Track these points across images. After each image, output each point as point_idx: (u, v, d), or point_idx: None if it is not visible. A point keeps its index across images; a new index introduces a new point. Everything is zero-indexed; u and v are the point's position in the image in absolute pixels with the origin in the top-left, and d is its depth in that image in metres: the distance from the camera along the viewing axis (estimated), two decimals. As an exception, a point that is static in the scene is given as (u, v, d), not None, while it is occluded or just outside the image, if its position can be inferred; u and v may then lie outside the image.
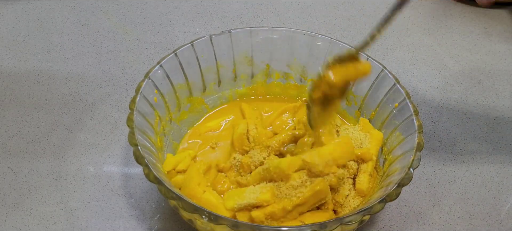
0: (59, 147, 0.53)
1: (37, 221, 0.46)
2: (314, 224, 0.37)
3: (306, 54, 0.55)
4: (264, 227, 0.36)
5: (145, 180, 0.50)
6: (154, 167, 0.40)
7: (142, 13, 0.74)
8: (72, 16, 0.73)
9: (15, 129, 0.55)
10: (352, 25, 0.74)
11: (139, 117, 0.44)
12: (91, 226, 0.46)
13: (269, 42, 0.55)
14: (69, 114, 0.57)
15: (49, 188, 0.49)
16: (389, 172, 0.45)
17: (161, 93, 0.49)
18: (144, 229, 0.46)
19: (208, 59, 0.54)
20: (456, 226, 0.48)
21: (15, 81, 0.61)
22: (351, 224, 0.38)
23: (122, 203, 0.48)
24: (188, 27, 0.72)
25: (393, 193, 0.39)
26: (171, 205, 0.43)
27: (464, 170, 0.53)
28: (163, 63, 0.49)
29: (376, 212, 0.39)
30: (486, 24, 0.76)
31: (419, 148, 0.43)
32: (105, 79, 0.62)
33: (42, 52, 0.66)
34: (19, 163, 0.51)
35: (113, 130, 0.55)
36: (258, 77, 0.57)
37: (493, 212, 0.50)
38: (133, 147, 0.41)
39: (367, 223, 0.48)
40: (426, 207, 0.49)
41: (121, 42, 0.68)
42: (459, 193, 0.51)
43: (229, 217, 0.37)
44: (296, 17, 0.75)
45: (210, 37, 0.53)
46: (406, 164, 0.42)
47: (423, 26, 0.76)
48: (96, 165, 0.52)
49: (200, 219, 0.38)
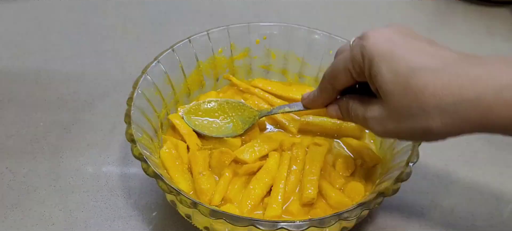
0: (57, 147, 0.53)
1: (36, 221, 0.46)
2: (313, 219, 0.37)
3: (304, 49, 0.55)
4: (262, 221, 0.36)
5: (144, 180, 0.50)
6: (152, 162, 0.40)
7: (142, 12, 0.74)
8: (71, 15, 0.72)
9: (14, 129, 0.54)
10: (352, 25, 0.74)
11: (136, 112, 0.44)
12: (90, 226, 0.46)
13: (267, 37, 0.55)
14: (68, 114, 0.57)
15: (47, 188, 0.49)
16: (389, 168, 0.45)
17: (158, 89, 0.49)
18: (143, 229, 0.46)
19: (206, 55, 0.53)
20: (458, 226, 0.48)
21: (13, 81, 0.61)
22: (349, 219, 0.38)
23: (121, 203, 0.48)
24: (188, 26, 0.71)
25: (390, 188, 0.39)
26: (169, 200, 0.43)
27: (466, 170, 0.53)
28: (161, 59, 0.49)
29: (374, 207, 0.38)
30: (489, 23, 0.75)
31: (418, 143, 0.43)
32: (104, 78, 0.62)
33: (40, 52, 0.65)
34: (17, 163, 0.51)
35: (112, 129, 0.55)
36: (256, 73, 0.57)
37: (495, 213, 0.49)
38: (130, 143, 0.41)
39: (368, 223, 0.47)
40: (427, 208, 0.49)
41: (120, 42, 0.68)
42: (461, 194, 0.51)
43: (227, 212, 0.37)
44: (297, 16, 0.75)
45: (208, 33, 0.53)
46: (404, 159, 0.42)
47: (425, 24, 0.75)
48: (95, 165, 0.51)
49: (198, 214, 0.38)
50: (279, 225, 0.36)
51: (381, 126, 0.35)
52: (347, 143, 0.50)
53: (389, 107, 0.34)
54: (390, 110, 0.34)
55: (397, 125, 0.34)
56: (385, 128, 0.35)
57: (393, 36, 0.35)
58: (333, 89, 0.40)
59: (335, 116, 0.42)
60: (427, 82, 0.31)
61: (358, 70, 0.36)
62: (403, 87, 0.32)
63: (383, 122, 0.35)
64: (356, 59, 0.36)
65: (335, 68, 0.39)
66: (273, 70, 0.57)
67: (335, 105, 0.41)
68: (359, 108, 0.38)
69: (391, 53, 0.33)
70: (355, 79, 0.37)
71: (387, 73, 0.33)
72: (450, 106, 0.31)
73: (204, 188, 0.44)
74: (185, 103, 0.53)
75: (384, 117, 0.35)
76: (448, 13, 0.77)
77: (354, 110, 0.39)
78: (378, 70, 0.34)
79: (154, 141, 0.46)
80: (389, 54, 0.33)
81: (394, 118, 0.34)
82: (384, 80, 0.33)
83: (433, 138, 0.33)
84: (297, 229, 0.36)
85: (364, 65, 0.35)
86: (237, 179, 0.46)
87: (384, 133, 0.36)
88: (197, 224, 0.42)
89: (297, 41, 0.55)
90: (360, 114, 0.38)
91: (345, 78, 0.38)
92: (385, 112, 0.35)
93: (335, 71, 0.39)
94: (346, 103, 0.40)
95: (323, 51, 0.54)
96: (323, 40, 0.54)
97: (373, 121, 0.36)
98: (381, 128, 0.36)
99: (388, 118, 0.35)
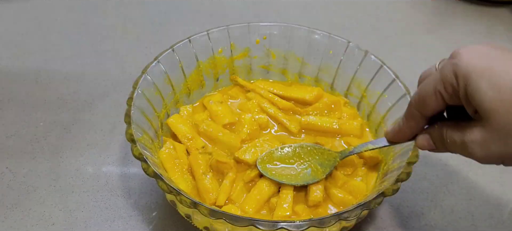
0: (57, 147, 0.53)
1: (36, 221, 0.46)
2: (313, 219, 0.37)
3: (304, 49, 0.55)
4: (262, 221, 0.36)
5: (144, 180, 0.50)
6: (152, 162, 0.40)
7: (142, 12, 0.74)
8: (71, 15, 0.72)
9: (14, 129, 0.54)
10: (353, 24, 0.74)
11: (136, 112, 0.44)
12: (90, 227, 0.46)
13: (267, 37, 0.55)
14: (68, 114, 0.57)
15: (47, 188, 0.49)
16: (389, 168, 0.45)
17: (158, 89, 0.49)
18: (143, 229, 0.46)
19: (206, 55, 0.53)
20: (458, 226, 0.48)
21: (13, 81, 0.61)
22: (349, 219, 0.38)
23: (121, 203, 0.48)
24: (188, 26, 0.71)
25: (390, 188, 0.39)
26: (169, 200, 0.43)
27: (466, 170, 0.53)
28: (161, 59, 0.49)
29: (374, 207, 0.38)
30: (488, 23, 0.75)
31: None
32: (104, 78, 0.62)
33: (40, 51, 0.65)
34: (17, 163, 0.51)
35: (112, 129, 0.55)
36: (256, 73, 0.57)
37: (495, 213, 0.49)
38: (130, 143, 0.41)
39: (368, 223, 0.47)
40: (428, 208, 0.49)
41: (120, 41, 0.68)
42: (461, 194, 0.51)
43: (227, 212, 0.37)
44: (297, 16, 0.75)
45: (208, 33, 0.53)
46: (405, 159, 0.42)
47: (425, 25, 0.75)
48: (94, 165, 0.51)
49: (198, 214, 0.38)
50: (279, 225, 0.36)
51: (484, 150, 0.32)
52: (348, 142, 0.50)
53: (493, 128, 0.31)
54: (494, 131, 0.31)
55: (503, 147, 0.31)
56: (489, 151, 0.32)
57: (489, 51, 0.32)
58: (421, 117, 0.37)
59: (427, 147, 0.38)
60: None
61: (451, 91, 0.33)
62: (508, 104, 0.30)
63: (486, 145, 0.32)
64: (448, 79, 0.33)
65: (422, 93, 0.36)
66: (273, 70, 0.57)
67: (426, 135, 0.38)
68: (455, 134, 0.34)
69: (490, 68, 0.31)
70: (447, 103, 0.35)
71: (488, 91, 0.31)
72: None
73: (209, 188, 0.44)
74: (185, 103, 0.53)
75: (487, 139, 0.32)
76: (448, 13, 0.77)
77: (450, 136, 0.35)
78: (477, 88, 0.31)
79: (154, 141, 0.46)
80: (488, 69, 0.31)
81: (500, 139, 0.31)
82: (486, 99, 0.31)
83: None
84: (297, 229, 0.36)
85: (459, 85, 0.32)
86: (240, 180, 0.46)
87: (487, 157, 0.33)
88: (197, 224, 0.42)
89: (297, 41, 0.55)
90: (458, 140, 0.34)
91: (435, 103, 0.35)
92: (488, 134, 0.32)
93: (423, 96, 0.35)
94: (439, 130, 0.36)
95: (323, 51, 0.54)
96: (323, 40, 0.54)
97: (474, 145, 0.33)
98: (483, 152, 0.32)
99: (492, 140, 0.32)
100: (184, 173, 0.45)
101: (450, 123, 0.36)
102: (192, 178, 0.46)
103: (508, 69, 0.31)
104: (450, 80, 0.33)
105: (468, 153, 0.34)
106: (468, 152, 0.34)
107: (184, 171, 0.45)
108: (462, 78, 0.32)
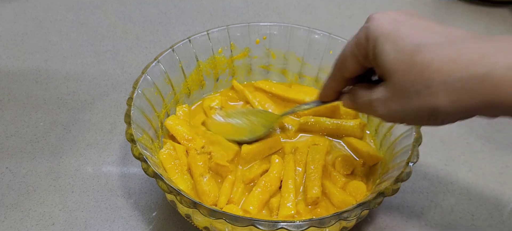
0: (57, 146, 0.53)
1: (36, 221, 0.46)
2: (313, 219, 0.37)
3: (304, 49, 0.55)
4: (262, 221, 0.36)
5: (144, 180, 0.50)
6: (152, 162, 0.40)
7: (142, 12, 0.74)
8: (70, 15, 0.72)
9: (13, 129, 0.54)
10: (353, 24, 0.74)
11: (136, 112, 0.44)
12: (89, 226, 0.46)
13: (267, 37, 0.55)
14: (68, 113, 0.57)
15: (47, 188, 0.49)
16: (389, 168, 0.45)
17: (158, 89, 0.49)
18: (143, 229, 0.46)
19: (206, 55, 0.53)
20: (458, 226, 0.48)
21: (13, 81, 0.61)
22: (349, 219, 0.38)
23: (121, 203, 0.48)
24: (188, 26, 0.71)
25: (390, 188, 0.39)
26: (169, 200, 0.43)
27: (466, 170, 0.53)
28: (161, 59, 0.49)
29: (374, 207, 0.38)
30: (488, 23, 0.75)
31: (418, 143, 0.43)
32: (104, 78, 0.62)
33: (40, 51, 0.65)
34: (17, 163, 0.51)
35: (112, 129, 0.55)
36: (256, 73, 0.57)
37: (495, 213, 0.49)
38: (130, 143, 0.41)
39: (368, 223, 0.47)
40: (427, 208, 0.49)
41: (120, 41, 0.68)
42: (461, 194, 0.51)
43: (227, 212, 0.37)
44: (297, 16, 0.75)
45: (208, 33, 0.53)
46: (404, 159, 0.42)
47: (424, 24, 0.75)
48: (94, 165, 0.51)
49: (198, 214, 0.38)
50: (279, 225, 0.36)
51: (385, 107, 0.34)
52: (347, 142, 0.50)
53: (394, 86, 0.32)
54: (395, 90, 0.32)
55: (402, 105, 0.32)
56: (390, 109, 0.34)
57: (399, 17, 0.33)
58: (342, 78, 0.39)
59: (349, 105, 0.40)
60: (433, 58, 0.30)
61: (363, 53, 0.35)
62: (407, 64, 0.31)
63: (387, 103, 0.34)
64: (361, 42, 0.35)
65: (342, 55, 0.38)
66: (273, 70, 0.57)
67: (348, 94, 0.40)
68: (365, 93, 0.36)
69: (395, 32, 0.32)
70: (363, 65, 0.36)
71: (391, 52, 0.32)
72: (457, 82, 0.29)
73: (206, 190, 0.44)
74: (185, 104, 0.53)
75: (388, 97, 0.33)
76: (448, 13, 0.77)
77: (360, 96, 0.37)
78: (382, 50, 0.33)
79: (154, 141, 0.46)
80: (393, 33, 0.32)
81: (399, 97, 0.32)
82: (388, 59, 0.32)
83: (440, 118, 0.31)
84: (297, 229, 0.36)
85: (368, 47, 0.34)
86: (240, 181, 0.46)
87: (389, 114, 0.34)
88: (197, 224, 0.42)
89: (297, 41, 0.55)
90: (366, 99, 0.36)
91: (352, 64, 0.37)
92: (390, 92, 0.33)
93: (342, 57, 0.38)
94: (354, 90, 0.38)
95: (323, 51, 0.54)
96: (323, 40, 0.54)
97: (377, 103, 0.35)
98: (385, 110, 0.34)
99: (392, 98, 0.33)
100: (184, 173, 0.45)
101: (364, 84, 0.38)
102: (192, 178, 0.46)
103: (411, 32, 0.32)
104: (362, 43, 0.35)
105: (373, 111, 0.36)
106: (373, 110, 0.35)
107: (184, 171, 0.45)
108: (372, 41, 0.34)
